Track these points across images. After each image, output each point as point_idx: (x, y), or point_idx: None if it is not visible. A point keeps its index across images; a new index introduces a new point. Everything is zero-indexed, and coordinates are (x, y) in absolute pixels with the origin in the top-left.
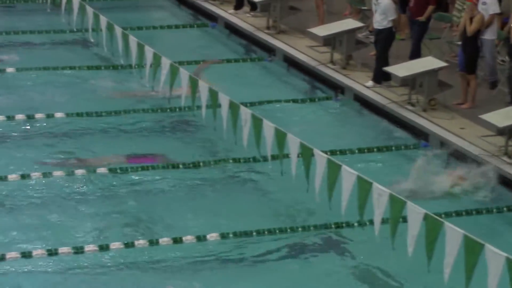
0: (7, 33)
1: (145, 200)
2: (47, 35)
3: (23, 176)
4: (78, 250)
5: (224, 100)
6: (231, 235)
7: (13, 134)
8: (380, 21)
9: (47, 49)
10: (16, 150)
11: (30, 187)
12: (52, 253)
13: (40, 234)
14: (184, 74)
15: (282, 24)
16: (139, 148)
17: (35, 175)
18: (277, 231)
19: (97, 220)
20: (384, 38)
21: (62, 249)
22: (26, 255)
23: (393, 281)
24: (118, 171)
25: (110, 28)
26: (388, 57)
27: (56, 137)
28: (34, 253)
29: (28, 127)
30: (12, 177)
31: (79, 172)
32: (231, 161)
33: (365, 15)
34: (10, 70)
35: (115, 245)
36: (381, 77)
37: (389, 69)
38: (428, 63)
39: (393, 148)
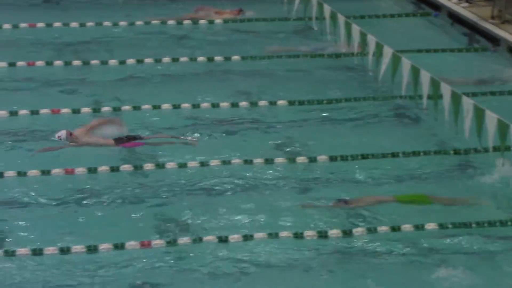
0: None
1: None
2: (272, 23)
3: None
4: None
5: (446, 90)
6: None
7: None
8: None
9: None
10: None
11: None
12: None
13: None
14: (405, 63)
15: (508, 14)
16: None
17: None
18: None
19: None
20: None
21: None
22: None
23: None
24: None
25: (333, 16)
26: None
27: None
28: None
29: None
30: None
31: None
32: (451, 152)
33: None
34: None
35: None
36: None
37: None
38: None
39: None
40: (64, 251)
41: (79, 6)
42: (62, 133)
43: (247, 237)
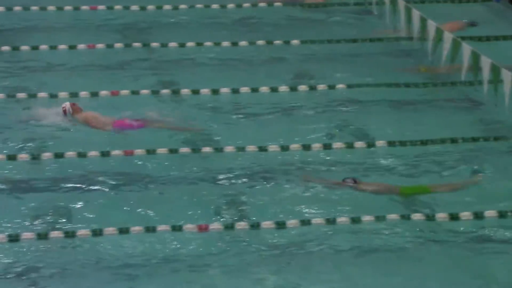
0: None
1: None
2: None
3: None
4: None
5: (506, 76)
6: None
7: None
8: None
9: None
10: None
11: None
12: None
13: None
14: (466, 48)
15: None
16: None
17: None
18: None
19: None
20: None
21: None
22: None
23: None
24: None
25: (393, 1)
26: None
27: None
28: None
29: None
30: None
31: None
32: None
33: None
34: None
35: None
36: None
37: None
38: None
39: None
40: (123, 231)
41: None
42: (66, 104)
43: (304, 222)
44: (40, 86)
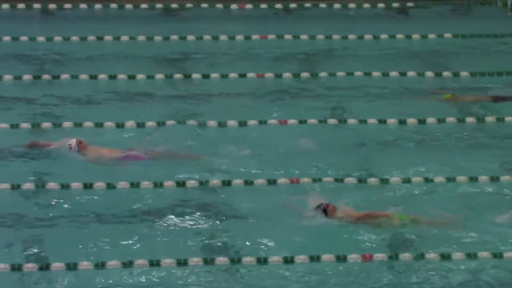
0: None
1: None
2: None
3: None
4: None
5: None
6: None
7: None
8: None
9: None
10: None
11: None
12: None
13: None
14: None
15: None
16: None
17: None
18: None
19: None
20: None
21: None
22: None
23: None
24: None
25: None
26: None
27: None
28: None
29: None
30: None
31: None
32: None
33: None
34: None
35: None
36: None
37: None
38: None
39: None
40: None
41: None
42: (73, 141)
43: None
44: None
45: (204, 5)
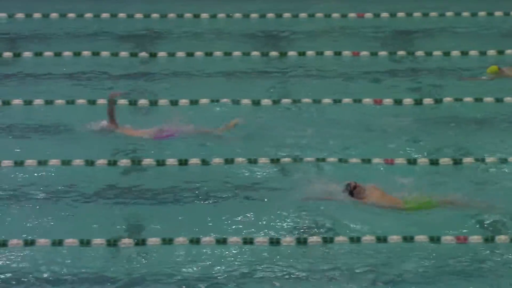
0: None
1: None
2: None
3: None
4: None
5: None
6: None
7: None
8: None
9: None
10: None
11: None
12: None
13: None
14: None
15: None
16: None
17: None
18: None
19: None
20: None
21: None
22: None
23: None
24: None
25: None
26: None
27: None
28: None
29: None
30: None
31: None
32: None
33: None
34: None
35: None
36: None
37: None
38: None
39: None
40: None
41: None
42: (104, 123)
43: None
44: None
45: None
